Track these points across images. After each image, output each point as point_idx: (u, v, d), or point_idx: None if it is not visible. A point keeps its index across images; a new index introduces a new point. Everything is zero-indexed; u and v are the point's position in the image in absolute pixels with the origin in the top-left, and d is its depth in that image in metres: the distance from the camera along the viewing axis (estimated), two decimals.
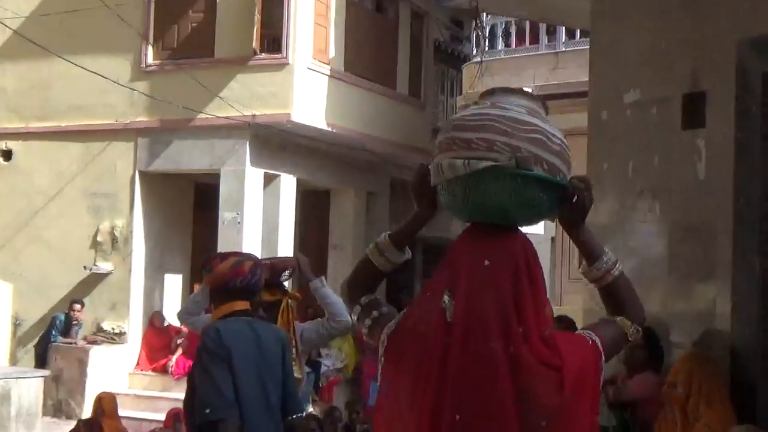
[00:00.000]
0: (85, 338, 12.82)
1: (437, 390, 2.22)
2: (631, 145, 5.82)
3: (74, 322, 12.73)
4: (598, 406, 2.34)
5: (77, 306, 12.85)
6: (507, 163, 2.26)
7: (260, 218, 13.29)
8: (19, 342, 13.61)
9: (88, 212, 13.93)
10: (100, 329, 13.49)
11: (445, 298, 2.32)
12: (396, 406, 2.31)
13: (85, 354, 12.41)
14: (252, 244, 12.77)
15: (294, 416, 4.16)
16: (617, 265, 2.40)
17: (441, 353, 2.23)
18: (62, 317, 12.82)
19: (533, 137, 2.28)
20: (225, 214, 12.96)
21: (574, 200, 2.33)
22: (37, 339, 13.14)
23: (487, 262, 2.33)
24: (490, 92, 2.42)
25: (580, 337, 2.35)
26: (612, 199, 5.80)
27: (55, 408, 12.36)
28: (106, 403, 8.37)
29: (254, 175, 13.13)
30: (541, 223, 2.55)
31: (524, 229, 2.40)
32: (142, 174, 13.61)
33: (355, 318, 2.57)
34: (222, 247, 11.83)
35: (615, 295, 2.42)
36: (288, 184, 13.79)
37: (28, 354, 13.09)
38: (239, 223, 12.91)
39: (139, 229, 13.45)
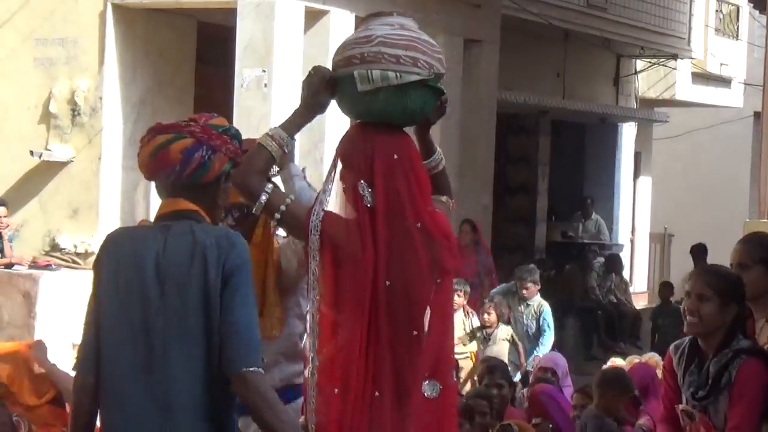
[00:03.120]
0: (33, 260, 13.06)
1: (373, 265, 4.38)
2: None
3: (7, 234, 13.11)
4: None
5: (1, 210, 13.13)
6: (428, 78, 4.45)
7: (299, 77, 12.44)
8: None
9: (36, 69, 14.17)
10: (55, 246, 13.87)
11: (362, 187, 4.51)
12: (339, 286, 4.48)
13: (32, 284, 12.61)
14: (286, 113, 12.71)
15: (231, 375, 4.11)
16: (442, 161, 4.90)
17: (370, 232, 4.41)
18: None
19: (438, 57, 4.54)
20: (244, 72, 13.31)
21: (440, 108, 4.71)
22: None
23: (396, 156, 4.51)
24: (387, 14, 4.70)
25: (441, 213, 4.71)
26: None
27: None
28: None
29: (289, 11, 13.41)
30: (740, 95, 3.72)
31: (729, 102, 5.68)
32: (117, 8, 13.85)
33: (262, 205, 4.54)
34: (240, 121, 12.22)
35: (442, 181, 4.90)
36: (342, 23, 13.99)
37: None
38: (266, 85, 13.31)
39: (114, 94, 13.68)
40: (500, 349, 11.87)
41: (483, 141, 16.86)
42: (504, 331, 12.18)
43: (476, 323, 12.47)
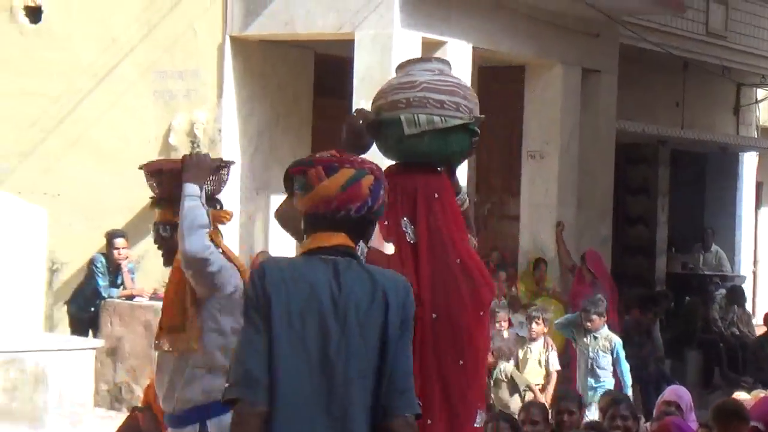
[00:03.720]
0: (154, 292, 13.07)
1: (418, 299, 4.51)
2: None
3: (126, 265, 13.32)
4: None
5: (119, 241, 13.35)
6: (469, 122, 5.06)
7: None
8: (57, 297, 14.12)
9: (155, 101, 14.42)
10: None
11: (404, 223, 5.08)
12: None
13: (153, 315, 12.24)
14: None
15: (393, 417, 4.20)
16: (467, 201, 5.58)
17: (413, 267, 4.86)
18: (102, 259, 13.44)
19: (475, 101, 5.11)
20: (361, 103, 12.85)
21: (470, 151, 5.52)
22: (73, 290, 13.78)
23: (436, 195, 5.09)
24: (426, 59, 5.47)
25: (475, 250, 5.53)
26: None
27: (112, 396, 12.81)
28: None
29: (407, 43, 13.42)
30: None
31: None
32: (236, 42, 14.07)
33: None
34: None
35: (466, 220, 5.50)
36: (459, 55, 13.95)
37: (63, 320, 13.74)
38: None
39: (232, 126, 13.84)
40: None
41: (602, 171, 16.80)
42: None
43: (553, 358, 12.42)
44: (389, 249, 5.22)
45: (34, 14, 15.09)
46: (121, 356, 12.77)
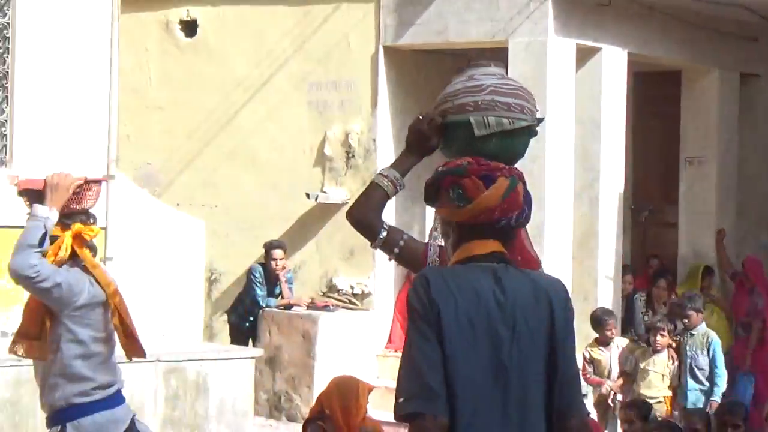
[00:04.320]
0: (312, 301, 13.47)
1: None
2: None
3: (285, 275, 13.65)
4: None
5: (277, 251, 13.61)
6: (533, 124, 4.87)
7: (571, 116, 13.87)
8: (215, 307, 14.58)
9: (310, 111, 14.73)
10: (332, 287, 14.33)
11: None
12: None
13: (312, 324, 12.99)
14: (560, 156, 13.61)
15: (570, 418, 4.28)
16: None
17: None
18: (260, 269, 13.75)
19: (535, 103, 4.91)
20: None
21: None
22: (232, 302, 14.18)
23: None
24: (485, 64, 5.04)
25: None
26: None
27: (271, 404, 13.10)
28: (346, 391, 8.83)
29: (561, 50, 13.62)
30: None
31: None
32: (389, 51, 14.28)
33: (382, 240, 5.01)
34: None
35: None
36: (614, 61, 14.25)
37: (223, 330, 14.26)
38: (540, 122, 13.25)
39: (386, 136, 14.01)
40: None
41: (762, 178, 16.56)
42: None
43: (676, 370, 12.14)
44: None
45: (190, 28, 15.58)
46: (280, 365, 13.08)
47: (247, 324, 13.50)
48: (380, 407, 11.70)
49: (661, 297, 14.43)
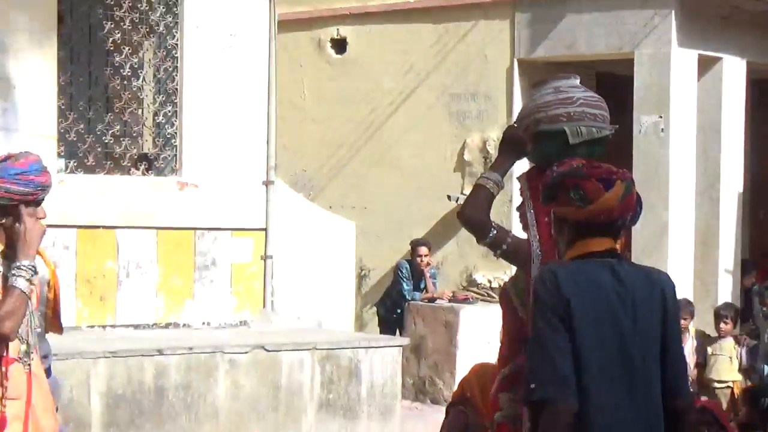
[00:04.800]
0: (453, 294, 13.60)
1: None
2: None
3: (429, 270, 13.72)
4: None
5: (422, 249, 13.81)
6: (612, 133, 5.15)
7: (693, 122, 13.90)
8: (365, 300, 14.82)
9: (450, 121, 14.94)
10: (471, 282, 14.42)
11: None
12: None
13: (453, 316, 13.02)
14: (682, 160, 13.61)
15: (681, 399, 4.33)
16: None
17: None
18: (406, 265, 13.88)
19: (608, 113, 5.17)
20: (642, 118, 13.69)
21: None
22: (381, 295, 14.35)
23: None
24: (573, 76, 5.31)
25: None
26: None
27: (417, 389, 13.10)
28: (485, 377, 8.49)
29: (684, 60, 13.67)
30: None
31: None
32: (523, 64, 14.43)
33: (492, 238, 5.18)
34: (638, 165, 12.79)
35: None
36: (734, 70, 14.32)
37: (372, 322, 14.49)
38: (662, 130, 13.59)
39: None
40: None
41: None
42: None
43: (744, 355, 12.01)
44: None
45: (340, 46, 15.78)
46: (425, 353, 13.12)
47: (395, 315, 13.60)
48: None
49: None
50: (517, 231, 5.65)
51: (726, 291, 14.49)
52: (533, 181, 5.17)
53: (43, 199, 4.97)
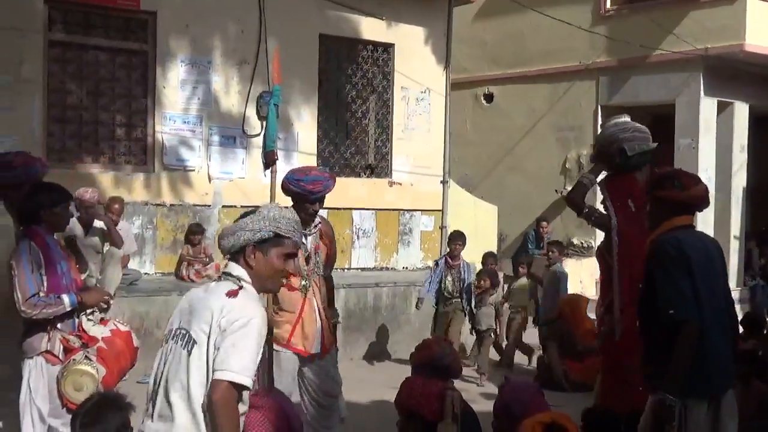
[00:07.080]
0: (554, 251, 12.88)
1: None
2: None
3: (546, 236, 14.06)
4: None
5: (544, 223, 14.56)
6: (652, 148, 5.65)
7: (713, 143, 14.52)
8: (503, 254, 15.01)
9: (557, 144, 15.59)
10: (570, 244, 15.04)
11: (630, 204, 5.53)
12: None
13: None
14: (706, 166, 13.98)
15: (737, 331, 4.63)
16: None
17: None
18: (533, 233, 14.59)
19: (650, 136, 5.84)
20: (680, 141, 14.32)
21: None
22: (514, 252, 15.16)
23: (640, 187, 5.49)
24: (620, 116, 5.81)
25: None
26: None
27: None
28: (574, 302, 9.32)
29: (708, 104, 14.44)
30: None
31: None
32: (604, 108, 15.29)
33: (582, 216, 5.70)
34: None
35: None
36: (741, 110, 15.03)
37: (507, 264, 14.40)
38: (693, 148, 14.18)
39: None
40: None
41: None
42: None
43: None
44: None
45: (489, 98, 16.60)
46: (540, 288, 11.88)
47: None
48: None
49: None
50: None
51: (735, 252, 14.68)
52: (608, 182, 5.78)
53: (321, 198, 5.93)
